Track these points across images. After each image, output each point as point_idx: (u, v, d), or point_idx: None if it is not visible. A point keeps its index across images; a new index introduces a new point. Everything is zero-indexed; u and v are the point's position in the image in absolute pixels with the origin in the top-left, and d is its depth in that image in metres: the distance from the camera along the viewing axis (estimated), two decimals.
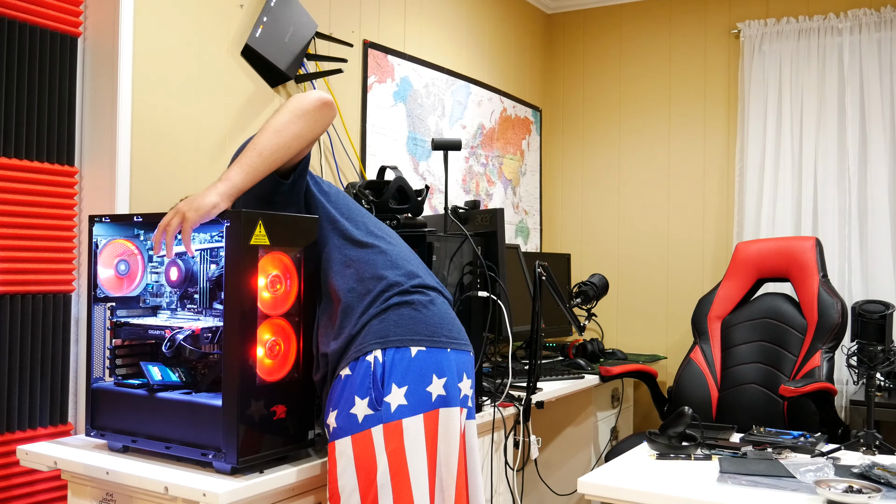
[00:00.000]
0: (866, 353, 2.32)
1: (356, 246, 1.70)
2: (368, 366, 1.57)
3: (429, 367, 1.59)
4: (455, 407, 1.62)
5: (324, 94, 1.66)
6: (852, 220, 3.59)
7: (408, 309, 1.63)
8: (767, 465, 1.90)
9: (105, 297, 1.79)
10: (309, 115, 1.62)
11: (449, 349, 1.64)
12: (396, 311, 1.62)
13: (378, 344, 1.58)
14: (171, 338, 1.67)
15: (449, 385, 1.61)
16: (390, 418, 1.54)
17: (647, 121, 4.16)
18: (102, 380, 1.80)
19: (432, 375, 1.59)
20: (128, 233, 1.81)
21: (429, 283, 1.70)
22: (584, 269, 4.26)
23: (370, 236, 1.73)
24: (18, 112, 1.98)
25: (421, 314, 1.63)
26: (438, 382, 1.59)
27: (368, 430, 1.53)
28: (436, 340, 1.62)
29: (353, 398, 1.56)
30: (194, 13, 2.32)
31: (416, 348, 1.59)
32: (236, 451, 1.51)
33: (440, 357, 1.61)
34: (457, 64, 3.57)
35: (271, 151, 1.58)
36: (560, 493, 3.27)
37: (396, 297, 1.63)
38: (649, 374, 3.36)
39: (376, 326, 1.60)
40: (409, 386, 1.56)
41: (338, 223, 1.73)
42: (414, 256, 1.78)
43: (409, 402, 1.55)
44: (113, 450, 1.74)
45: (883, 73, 3.56)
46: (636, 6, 4.20)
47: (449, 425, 1.60)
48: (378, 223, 1.80)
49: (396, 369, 1.56)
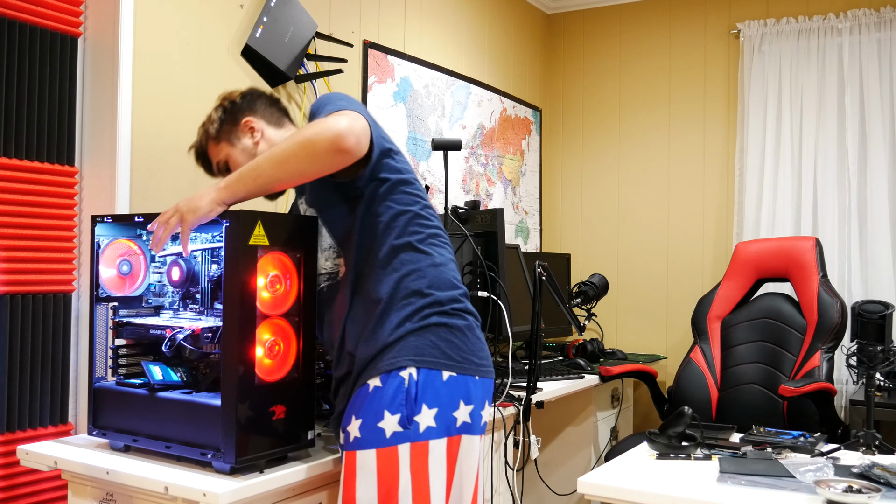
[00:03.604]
0: (866, 353, 2.32)
1: (412, 251, 1.64)
2: (402, 382, 1.55)
3: (458, 392, 1.58)
4: (476, 435, 1.62)
5: (344, 136, 1.49)
6: (852, 220, 3.59)
7: (445, 331, 1.60)
8: (767, 465, 1.90)
9: (107, 297, 1.79)
10: (318, 158, 1.51)
11: (477, 376, 1.63)
12: (435, 330, 1.59)
13: (413, 361, 1.56)
14: (171, 337, 1.67)
15: (474, 413, 1.61)
16: (419, 438, 1.53)
17: (647, 121, 4.16)
18: (105, 379, 1.80)
19: (460, 401, 1.58)
20: (130, 233, 1.82)
21: (468, 308, 1.68)
22: (584, 269, 4.26)
23: (429, 244, 1.67)
24: (18, 112, 1.98)
25: (456, 338, 1.61)
26: (465, 409, 1.59)
27: (395, 446, 1.52)
28: (466, 367, 1.61)
29: (382, 412, 1.53)
30: (194, 13, 2.32)
31: (448, 373, 1.58)
32: (235, 450, 1.51)
33: (469, 384, 1.60)
34: (457, 64, 3.57)
35: (267, 180, 1.54)
36: (560, 493, 3.27)
37: (436, 316, 1.60)
38: (649, 374, 3.36)
39: (413, 342, 1.58)
40: (438, 409, 1.55)
41: (403, 222, 1.65)
42: (458, 273, 1.74)
43: (437, 425, 1.55)
44: (115, 449, 1.74)
45: (883, 73, 3.57)
46: (636, 6, 4.20)
47: (469, 453, 1.60)
48: (441, 226, 1.75)
49: (429, 390, 1.55)
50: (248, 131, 1.82)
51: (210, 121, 1.85)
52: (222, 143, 1.83)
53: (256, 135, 1.82)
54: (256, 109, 1.84)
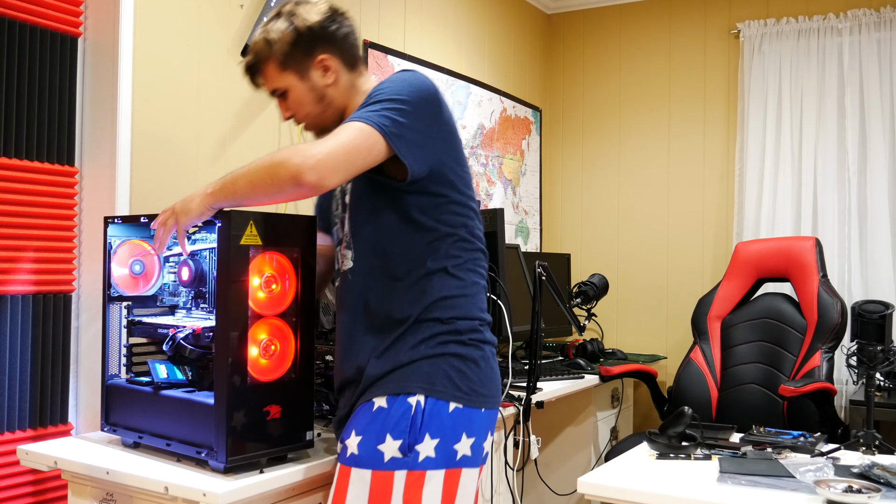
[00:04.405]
0: (866, 353, 2.32)
1: (446, 275, 1.58)
2: (409, 408, 1.51)
3: (461, 425, 1.54)
4: (475, 468, 1.57)
5: (303, 172, 1.40)
6: (852, 220, 3.59)
7: (458, 361, 1.55)
8: (767, 465, 1.90)
9: (119, 297, 1.81)
10: (280, 188, 1.44)
11: (483, 409, 1.58)
12: (448, 360, 1.55)
13: (423, 389, 1.52)
14: (172, 336, 1.68)
15: (475, 445, 1.56)
16: (416, 467, 1.49)
17: (647, 121, 4.16)
18: (118, 377, 1.82)
19: (462, 434, 1.54)
20: (144, 233, 1.83)
21: (486, 338, 1.62)
22: (584, 269, 4.26)
23: (465, 269, 1.60)
24: (18, 112, 1.98)
25: (468, 369, 1.56)
26: (467, 442, 1.54)
27: (392, 472, 1.49)
28: (473, 399, 1.56)
29: (384, 435, 1.50)
30: (194, 13, 2.32)
31: (455, 404, 1.53)
32: (226, 449, 1.51)
33: (473, 417, 1.56)
34: (457, 64, 3.57)
35: (241, 197, 1.48)
36: (560, 493, 3.27)
37: (453, 345, 1.56)
38: (649, 374, 3.36)
39: (426, 369, 1.54)
40: (441, 440, 1.51)
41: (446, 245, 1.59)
42: (485, 300, 1.66)
43: (436, 456, 1.50)
44: (126, 445, 1.77)
45: (883, 73, 3.57)
46: (636, 6, 4.20)
47: (467, 486, 1.55)
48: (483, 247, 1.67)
49: (435, 420, 1.51)
50: (321, 69, 1.62)
51: (277, 38, 1.60)
52: (288, 72, 1.62)
53: (330, 76, 1.63)
54: (336, 44, 1.63)
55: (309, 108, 1.65)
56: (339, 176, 1.44)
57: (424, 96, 1.56)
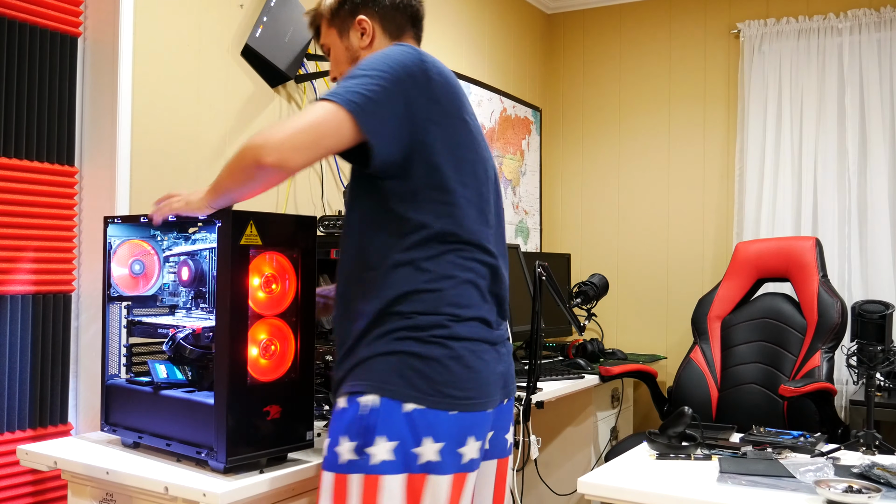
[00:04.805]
0: (866, 353, 2.32)
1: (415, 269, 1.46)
2: (359, 408, 1.42)
3: (422, 428, 1.41)
4: (446, 475, 1.42)
5: (261, 153, 1.35)
6: (852, 220, 3.59)
7: (415, 360, 1.42)
8: (767, 465, 1.90)
9: (119, 297, 1.82)
10: (248, 175, 1.40)
11: (453, 411, 1.43)
12: (403, 358, 1.43)
13: (375, 388, 1.42)
14: (172, 336, 1.68)
15: (445, 451, 1.42)
16: (370, 470, 1.40)
17: (647, 121, 4.16)
18: (118, 377, 1.82)
19: (424, 438, 1.40)
20: (144, 233, 1.83)
21: (459, 334, 1.46)
22: (584, 269, 4.26)
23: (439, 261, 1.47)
24: (18, 112, 1.98)
25: (430, 368, 1.42)
26: (432, 447, 1.41)
27: (347, 475, 1.41)
28: (437, 401, 1.42)
29: (339, 436, 1.43)
30: (194, 13, 2.32)
31: (413, 405, 1.41)
32: (226, 449, 1.51)
33: (439, 419, 1.42)
34: (456, 64, 3.57)
35: (225, 191, 1.47)
36: (560, 493, 3.27)
37: (410, 342, 1.43)
38: (649, 374, 3.36)
39: (379, 366, 1.43)
40: (399, 442, 1.40)
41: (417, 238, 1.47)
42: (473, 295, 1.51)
43: (395, 458, 1.40)
44: (125, 445, 1.77)
45: (883, 73, 3.57)
46: (636, 6, 4.20)
47: (437, 494, 1.42)
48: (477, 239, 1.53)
49: (388, 422, 1.40)
50: (360, 31, 1.61)
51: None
52: (333, 28, 1.64)
53: (366, 39, 1.61)
54: (379, 9, 1.62)
55: (343, 67, 1.64)
56: (301, 156, 1.36)
57: (406, 70, 1.44)
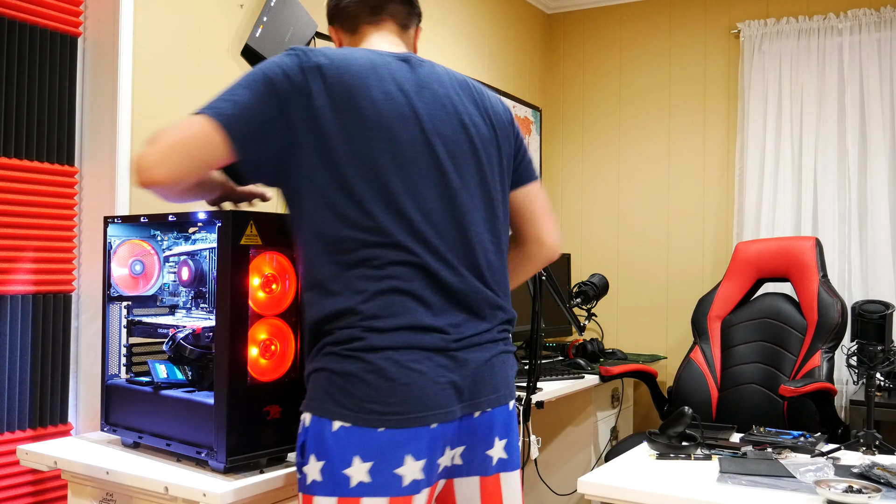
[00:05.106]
0: (866, 353, 2.32)
1: (330, 280, 1.37)
2: (300, 427, 1.39)
3: (350, 447, 1.31)
4: (383, 497, 1.31)
5: (136, 169, 1.29)
6: (852, 220, 3.59)
7: (335, 376, 1.34)
8: (767, 465, 1.90)
9: (119, 297, 1.82)
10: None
11: (381, 428, 1.31)
12: (325, 373, 1.36)
13: (307, 406, 1.37)
14: (172, 336, 1.68)
15: (378, 471, 1.31)
16: (305, 490, 1.35)
17: (647, 121, 4.16)
18: (118, 377, 1.82)
19: (352, 458, 1.31)
20: (144, 233, 1.83)
21: (374, 345, 1.33)
22: (584, 269, 4.26)
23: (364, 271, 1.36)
24: (18, 112, 1.98)
25: (350, 384, 1.33)
26: (361, 467, 1.30)
27: (299, 493, 1.39)
28: (363, 418, 1.31)
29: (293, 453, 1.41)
30: (194, 13, 2.32)
31: (340, 423, 1.32)
32: (226, 449, 1.51)
33: (367, 438, 1.31)
34: (457, 64, 3.57)
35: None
36: (560, 493, 3.27)
37: (330, 357, 1.35)
38: (649, 374, 3.36)
39: (311, 383, 1.38)
40: (325, 462, 1.32)
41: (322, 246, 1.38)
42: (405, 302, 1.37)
43: (324, 480, 1.32)
44: (125, 445, 1.77)
45: (883, 73, 3.57)
46: (636, 6, 4.20)
47: None
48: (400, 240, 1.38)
49: (317, 440, 1.33)
50: (336, 40, 1.66)
51: None
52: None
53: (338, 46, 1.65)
54: (339, 15, 1.62)
55: None
56: (166, 170, 1.28)
57: (275, 75, 1.36)
